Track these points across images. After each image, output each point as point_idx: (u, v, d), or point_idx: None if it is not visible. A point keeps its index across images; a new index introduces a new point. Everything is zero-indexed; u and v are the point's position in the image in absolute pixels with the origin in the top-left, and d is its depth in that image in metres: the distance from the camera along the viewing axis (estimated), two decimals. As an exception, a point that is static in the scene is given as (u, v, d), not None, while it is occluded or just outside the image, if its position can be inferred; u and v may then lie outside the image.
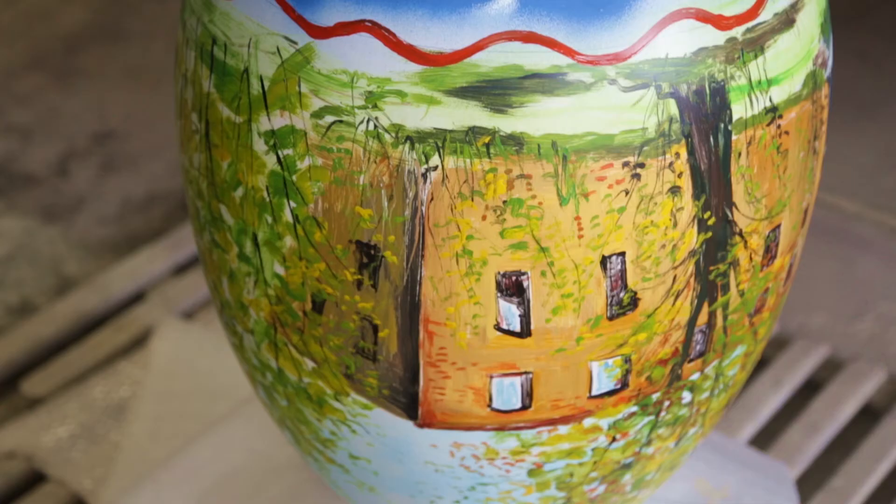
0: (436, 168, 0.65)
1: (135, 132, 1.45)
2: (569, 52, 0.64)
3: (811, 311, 1.16)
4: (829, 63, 0.73)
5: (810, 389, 1.12)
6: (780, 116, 0.69)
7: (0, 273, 1.24)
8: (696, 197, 0.67)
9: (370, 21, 0.65)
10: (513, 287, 0.68)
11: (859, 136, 1.38)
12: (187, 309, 1.18)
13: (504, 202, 0.66)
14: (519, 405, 0.71)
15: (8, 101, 1.49)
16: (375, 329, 0.70)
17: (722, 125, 0.67)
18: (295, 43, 0.66)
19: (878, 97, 1.44)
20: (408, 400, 0.72)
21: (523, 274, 0.67)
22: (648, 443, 0.75)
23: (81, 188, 1.37)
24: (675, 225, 0.68)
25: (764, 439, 1.06)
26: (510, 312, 0.68)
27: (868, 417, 1.10)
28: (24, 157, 1.41)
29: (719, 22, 0.66)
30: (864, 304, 1.17)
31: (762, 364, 1.12)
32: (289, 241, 0.69)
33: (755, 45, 0.67)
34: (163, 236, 1.28)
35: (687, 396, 0.74)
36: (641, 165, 0.66)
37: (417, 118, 0.65)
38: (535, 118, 0.64)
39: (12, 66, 1.53)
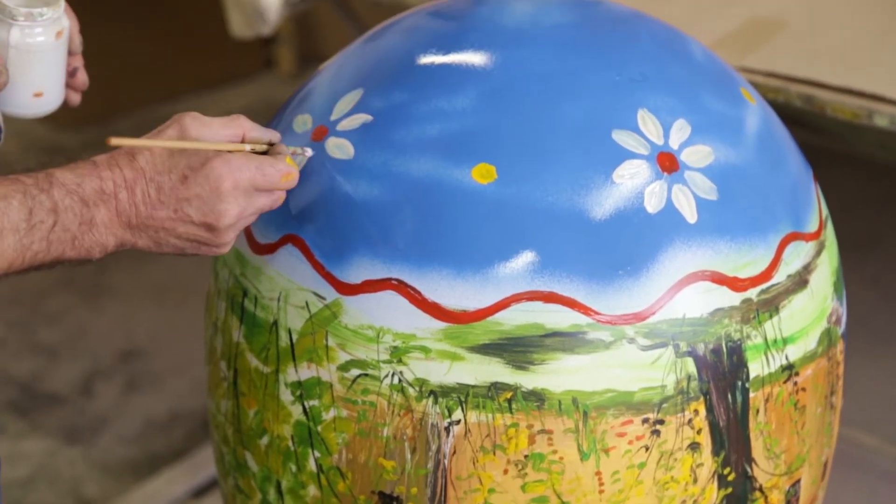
0: (459, 422, 0.67)
1: (159, 350, 1.47)
2: (588, 311, 0.66)
3: (835, 545, 1.15)
4: (844, 320, 0.75)
5: None
6: (797, 374, 0.70)
7: (19, 496, 1.23)
8: (715, 453, 0.68)
9: (397, 279, 0.67)
10: (534, 541, 0.68)
11: (876, 365, 1.38)
12: (205, 535, 1.18)
13: (526, 456, 0.67)
14: None
15: (37, 320, 1.51)
16: (396, 581, 0.70)
17: (739, 383, 0.68)
18: (323, 298, 0.68)
19: (893, 325, 1.46)
20: None
21: (544, 528, 0.68)
22: None
23: (104, 407, 1.38)
24: (696, 481, 0.68)
25: None
26: (531, 567, 0.68)
27: None
28: (49, 376, 1.43)
29: (734, 284, 0.68)
30: (889, 539, 1.16)
31: None
32: (312, 490, 0.70)
33: (770, 305, 0.69)
34: (183, 458, 1.28)
35: None
36: (661, 422, 0.67)
37: (441, 373, 0.66)
38: (556, 375, 0.66)
39: (44, 285, 1.57)
